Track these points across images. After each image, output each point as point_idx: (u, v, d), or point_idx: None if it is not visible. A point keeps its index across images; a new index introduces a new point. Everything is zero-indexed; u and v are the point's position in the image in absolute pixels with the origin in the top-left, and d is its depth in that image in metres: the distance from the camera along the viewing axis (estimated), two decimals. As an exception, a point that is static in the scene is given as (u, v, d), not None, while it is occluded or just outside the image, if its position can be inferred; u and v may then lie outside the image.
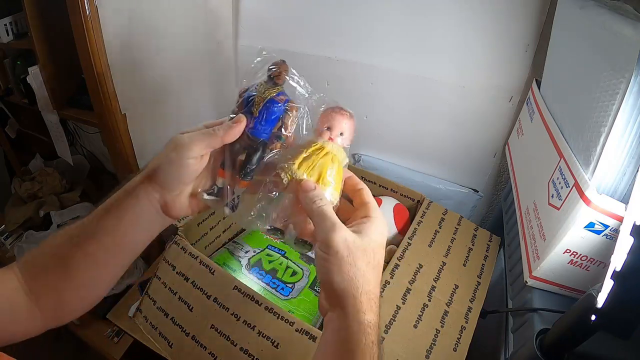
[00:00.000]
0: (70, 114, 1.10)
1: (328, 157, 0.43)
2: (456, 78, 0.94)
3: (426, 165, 1.10)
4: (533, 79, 0.81)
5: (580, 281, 0.55)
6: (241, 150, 0.42)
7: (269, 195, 0.42)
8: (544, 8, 0.80)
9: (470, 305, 0.70)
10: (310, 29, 1.05)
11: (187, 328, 0.69)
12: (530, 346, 0.51)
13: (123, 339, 1.06)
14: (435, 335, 0.64)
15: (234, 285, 0.69)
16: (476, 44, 0.89)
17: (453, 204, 1.08)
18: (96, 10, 0.76)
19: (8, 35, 1.06)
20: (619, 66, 0.45)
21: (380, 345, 0.37)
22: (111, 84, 0.85)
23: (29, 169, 1.44)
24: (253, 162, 0.42)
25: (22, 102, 1.18)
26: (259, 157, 0.42)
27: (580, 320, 0.44)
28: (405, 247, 0.77)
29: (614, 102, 0.45)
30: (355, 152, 1.19)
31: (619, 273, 0.38)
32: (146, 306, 0.75)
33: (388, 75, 1.01)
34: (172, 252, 0.76)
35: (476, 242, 0.84)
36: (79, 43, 0.78)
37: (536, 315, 0.57)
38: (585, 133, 0.52)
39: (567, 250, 0.52)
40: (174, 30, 1.00)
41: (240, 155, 0.42)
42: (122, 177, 0.97)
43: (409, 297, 0.68)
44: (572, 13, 0.61)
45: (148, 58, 0.95)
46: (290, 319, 0.63)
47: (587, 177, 0.49)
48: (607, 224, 0.47)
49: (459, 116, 0.99)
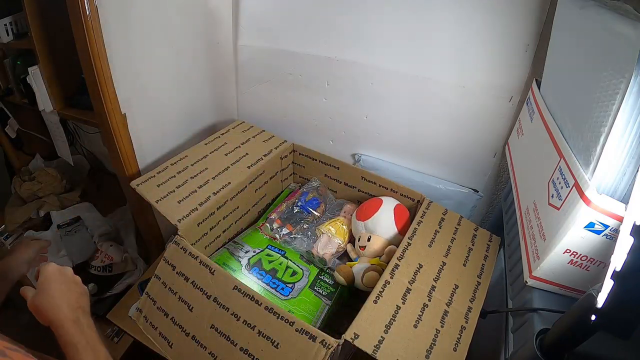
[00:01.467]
0: (70, 114, 1.10)
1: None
2: (456, 78, 0.94)
3: (426, 165, 1.10)
4: (533, 79, 0.81)
5: (580, 281, 0.55)
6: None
7: None
8: (544, 8, 0.80)
9: (470, 305, 0.70)
10: (310, 29, 1.05)
11: (187, 328, 0.69)
12: (530, 346, 0.51)
13: (123, 339, 1.06)
14: (435, 335, 0.64)
15: (234, 285, 0.69)
16: (476, 44, 0.89)
17: (453, 204, 1.08)
18: (96, 10, 0.76)
19: (8, 35, 1.06)
20: (619, 66, 0.45)
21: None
22: (111, 84, 0.85)
23: (29, 169, 1.44)
24: None
25: (22, 102, 1.18)
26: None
27: (580, 320, 0.44)
28: (405, 247, 0.77)
29: (614, 102, 0.45)
30: (355, 152, 1.19)
31: (619, 273, 0.38)
32: (146, 306, 0.75)
33: (388, 75, 1.01)
34: (172, 252, 0.76)
35: (476, 242, 0.84)
36: (79, 43, 0.78)
37: (536, 315, 0.57)
38: (585, 133, 0.52)
39: (567, 250, 0.52)
40: (174, 30, 1.00)
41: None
42: (122, 177, 0.97)
43: (409, 297, 0.69)
44: (572, 13, 0.61)
45: (148, 58, 0.95)
46: (290, 319, 0.63)
47: (587, 177, 0.49)
48: (607, 224, 0.47)
49: (459, 116, 0.99)
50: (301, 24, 1.05)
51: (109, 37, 0.80)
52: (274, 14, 1.08)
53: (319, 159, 1.07)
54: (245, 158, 0.99)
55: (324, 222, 0.97)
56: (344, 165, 1.04)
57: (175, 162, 0.93)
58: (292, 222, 0.97)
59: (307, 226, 0.96)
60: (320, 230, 0.94)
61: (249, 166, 0.96)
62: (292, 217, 0.98)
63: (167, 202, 0.83)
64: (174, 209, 0.81)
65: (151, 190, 0.84)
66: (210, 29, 1.10)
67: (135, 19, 0.88)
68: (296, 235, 0.94)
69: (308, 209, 0.99)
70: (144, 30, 0.91)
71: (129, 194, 0.98)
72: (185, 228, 0.80)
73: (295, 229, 0.95)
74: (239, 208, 0.97)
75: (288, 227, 0.95)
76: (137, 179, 0.87)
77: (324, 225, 0.95)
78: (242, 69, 1.19)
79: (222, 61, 1.17)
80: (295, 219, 0.97)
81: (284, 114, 1.22)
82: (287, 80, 1.14)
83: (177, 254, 0.75)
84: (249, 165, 0.97)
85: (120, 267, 1.14)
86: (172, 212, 0.80)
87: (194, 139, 1.16)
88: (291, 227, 0.96)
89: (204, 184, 0.88)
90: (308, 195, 1.02)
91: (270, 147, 1.04)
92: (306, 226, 0.96)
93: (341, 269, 0.85)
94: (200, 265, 0.73)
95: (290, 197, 1.05)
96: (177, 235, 0.77)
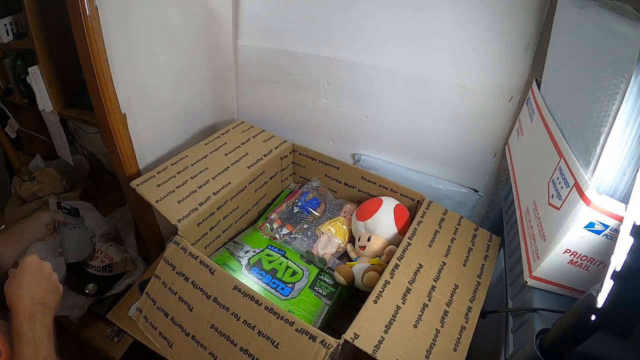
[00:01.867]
0: (70, 114, 1.10)
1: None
2: (456, 78, 0.94)
3: (426, 165, 1.10)
4: (533, 79, 0.81)
5: (580, 281, 0.55)
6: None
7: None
8: (544, 8, 0.80)
9: (470, 305, 0.70)
10: (310, 29, 1.05)
11: (187, 328, 0.69)
12: (530, 346, 0.51)
13: (123, 339, 1.06)
14: (435, 335, 0.64)
15: (234, 285, 0.69)
16: (476, 44, 0.89)
17: (453, 204, 1.08)
18: (96, 10, 0.76)
19: (8, 35, 1.06)
20: (619, 66, 0.45)
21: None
22: (111, 84, 0.85)
23: (29, 169, 1.44)
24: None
25: (22, 102, 1.18)
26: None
27: (580, 320, 0.44)
28: (405, 247, 0.77)
29: (614, 102, 0.45)
30: (355, 152, 1.19)
31: (619, 273, 0.38)
32: (146, 306, 0.75)
33: (388, 75, 1.01)
34: (172, 252, 0.76)
35: (476, 242, 0.84)
36: (79, 43, 0.78)
37: (536, 315, 0.57)
38: (585, 133, 0.52)
39: (567, 250, 0.52)
40: (174, 30, 1.00)
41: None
42: (122, 177, 0.97)
43: (409, 297, 0.68)
44: (572, 13, 0.61)
45: (148, 58, 0.95)
46: (290, 319, 0.63)
47: (587, 177, 0.49)
48: (607, 224, 0.47)
49: (459, 116, 0.99)
50: (301, 24, 1.05)
51: (109, 37, 0.80)
52: (274, 14, 1.08)
53: (319, 159, 1.07)
54: (245, 158, 0.99)
55: (324, 222, 0.97)
56: (344, 165, 1.04)
57: (175, 162, 0.93)
58: (292, 222, 0.97)
59: (307, 226, 0.96)
60: (320, 230, 0.94)
61: (249, 166, 0.97)
62: (292, 217, 0.98)
63: (167, 202, 0.83)
64: (174, 209, 0.81)
65: (151, 190, 0.84)
66: (210, 29, 1.10)
67: (135, 19, 0.88)
68: (296, 235, 0.94)
69: (308, 209, 0.99)
70: (144, 30, 0.91)
71: (129, 194, 0.98)
72: (185, 228, 0.80)
73: (295, 229, 0.95)
74: (239, 208, 0.97)
75: (288, 227, 0.96)
76: (137, 179, 0.87)
77: (324, 225, 0.96)
78: (242, 69, 1.19)
79: (222, 61, 1.17)
80: (295, 219, 0.97)
81: (284, 114, 1.22)
82: (287, 80, 1.14)
83: (177, 254, 0.75)
84: (249, 165, 0.97)
85: (120, 267, 1.14)
86: (172, 212, 0.80)
87: (194, 139, 1.16)
88: (291, 227, 0.96)
89: (204, 184, 0.89)
90: (308, 195, 1.02)
91: (270, 147, 1.04)
92: (306, 226, 0.96)
93: (341, 269, 0.85)
94: (200, 265, 0.73)
95: (290, 197, 1.05)
96: (177, 235, 0.77)
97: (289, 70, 1.13)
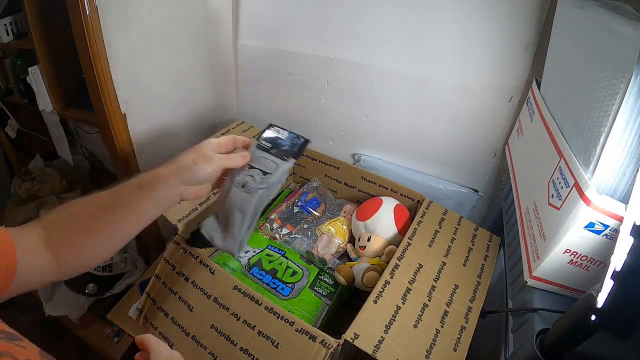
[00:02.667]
0: (70, 114, 1.10)
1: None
2: (456, 78, 0.94)
3: (426, 165, 1.10)
4: (533, 79, 0.81)
5: (580, 281, 0.55)
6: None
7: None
8: (544, 8, 0.80)
9: (470, 305, 0.70)
10: (310, 29, 1.05)
11: (187, 328, 0.69)
12: (530, 346, 0.51)
13: (123, 339, 1.06)
14: (435, 335, 0.64)
15: (234, 285, 0.69)
16: (476, 43, 0.89)
17: (453, 204, 1.08)
18: (96, 10, 0.76)
19: (8, 35, 1.06)
20: (619, 66, 0.45)
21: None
22: (111, 84, 0.85)
23: (29, 169, 1.44)
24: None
25: (22, 102, 1.18)
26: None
27: (580, 320, 0.44)
28: (405, 247, 0.77)
29: (614, 102, 0.45)
30: (355, 152, 1.19)
31: (619, 273, 0.38)
32: (146, 306, 0.75)
33: (388, 75, 1.01)
34: (172, 252, 0.76)
35: (476, 242, 0.84)
36: (79, 43, 0.78)
37: (536, 315, 0.57)
38: (585, 133, 0.52)
39: (567, 250, 0.52)
40: (174, 30, 1.00)
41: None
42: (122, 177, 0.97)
43: (409, 297, 0.68)
44: (572, 13, 0.61)
45: (148, 58, 0.95)
46: (290, 319, 0.63)
47: (587, 177, 0.49)
48: (607, 224, 0.47)
49: (459, 116, 0.99)
50: (301, 24, 1.06)
51: (109, 37, 0.80)
52: (274, 14, 1.08)
53: (319, 159, 1.07)
54: (245, 158, 0.99)
55: (324, 222, 0.97)
56: (344, 165, 1.04)
57: (175, 162, 0.93)
58: (292, 222, 0.97)
59: (307, 226, 0.96)
60: (320, 230, 0.94)
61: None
62: (292, 217, 0.98)
63: (167, 202, 0.82)
64: (174, 208, 0.81)
65: (151, 190, 0.84)
66: (210, 29, 1.10)
67: (135, 19, 0.88)
68: (296, 235, 0.94)
69: (308, 209, 0.99)
70: (144, 30, 0.91)
71: (129, 194, 0.97)
72: (186, 228, 0.79)
73: (295, 229, 0.95)
74: (239, 208, 0.97)
75: (288, 227, 0.95)
76: (137, 179, 0.86)
77: (324, 225, 0.96)
78: (242, 69, 1.19)
79: (222, 61, 1.17)
80: (295, 219, 0.97)
81: (284, 114, 1.22)
82: (287, 80, 1.15)
83: (177, 254, 0.75)
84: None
85: (120, 267, 1.14)
86: (172, 212, 0.80)
87: (194, 139, 1.16)
88: (291, 227, 0.96)
89: (204, 184, 0.88)
90: (308, 195, 1.02)
91: (270, 147, 1.04)
92: (306, 226, 0.96)
93: (341, 269, 0.85)
94: (200, 265, 0.72)
95: (290, 197, 1.04)
96: (177, 235, 0.77)
97: (289, 70, 1.13)
